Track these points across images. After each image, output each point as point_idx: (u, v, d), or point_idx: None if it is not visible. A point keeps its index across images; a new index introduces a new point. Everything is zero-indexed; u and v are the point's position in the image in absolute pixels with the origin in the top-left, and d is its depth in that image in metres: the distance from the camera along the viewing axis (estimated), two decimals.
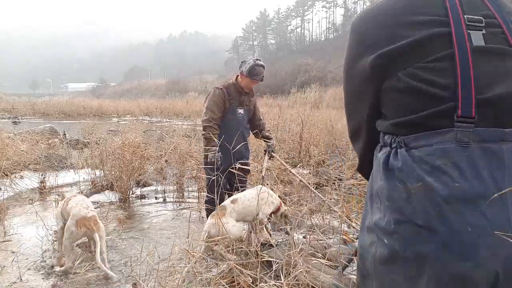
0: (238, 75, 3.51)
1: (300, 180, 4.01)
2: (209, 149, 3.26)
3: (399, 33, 0.83)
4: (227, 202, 3.02)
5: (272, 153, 3.70)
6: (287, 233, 3.17)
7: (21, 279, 2.67)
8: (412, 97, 0.83)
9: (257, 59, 3.39)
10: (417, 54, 0.81)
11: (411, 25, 0.82)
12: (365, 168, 1.05)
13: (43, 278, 2.72)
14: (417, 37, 0.81)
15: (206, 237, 2.77)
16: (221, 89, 3.43)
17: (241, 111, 3.49)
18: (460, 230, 0.74)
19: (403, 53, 0.82)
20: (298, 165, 5.99)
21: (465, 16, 0.81)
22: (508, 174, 0.75)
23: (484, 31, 0.81)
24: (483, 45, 0.80)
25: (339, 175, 4.57)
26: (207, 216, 3.58)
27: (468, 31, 0.80)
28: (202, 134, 3.35)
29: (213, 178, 3.11)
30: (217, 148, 3.24)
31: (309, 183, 3.90)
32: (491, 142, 0.77)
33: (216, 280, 2.20)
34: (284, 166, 4.05)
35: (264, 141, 3.78)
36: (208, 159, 3.26)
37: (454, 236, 0.74)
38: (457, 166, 0.76)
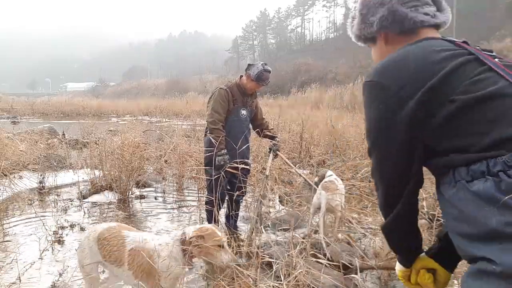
0: (241, 76, 3.49)
1: (305, 180, 4.00)
2: (217, 152, 3.20)
3: (437, 67, 0.87)
4: (333, 176, 3.29)
5: (277, 152, 3.66)
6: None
7: (20, 279, 2.66)
8: (480, 106, 0.82)
9: (265, 64, 3.39)
10: (460, 76, 0.86)
11: (443, 59, 0.88)
12: (403, 222, 0.99)
13: (42, 278, 2.71)
14: (452, 65, 0.86)
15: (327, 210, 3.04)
16: (225, 89, 3.38)
17: (244, 112, 3.47)
18: None
19: (448, 79, 0.86)
20: (297, 165, 5.97)
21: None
22: None
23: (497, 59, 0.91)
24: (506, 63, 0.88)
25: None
26: (207, 217, 3.57)
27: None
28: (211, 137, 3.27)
29: (214, 178, 3.11)
30: (225, 151, 3.22)
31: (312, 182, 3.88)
32: None
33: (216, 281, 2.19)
34: (290, 165, 4.03)
35: (270, 140, 3.76)
36: (217, 162, 3.21)
37: None
38: None
